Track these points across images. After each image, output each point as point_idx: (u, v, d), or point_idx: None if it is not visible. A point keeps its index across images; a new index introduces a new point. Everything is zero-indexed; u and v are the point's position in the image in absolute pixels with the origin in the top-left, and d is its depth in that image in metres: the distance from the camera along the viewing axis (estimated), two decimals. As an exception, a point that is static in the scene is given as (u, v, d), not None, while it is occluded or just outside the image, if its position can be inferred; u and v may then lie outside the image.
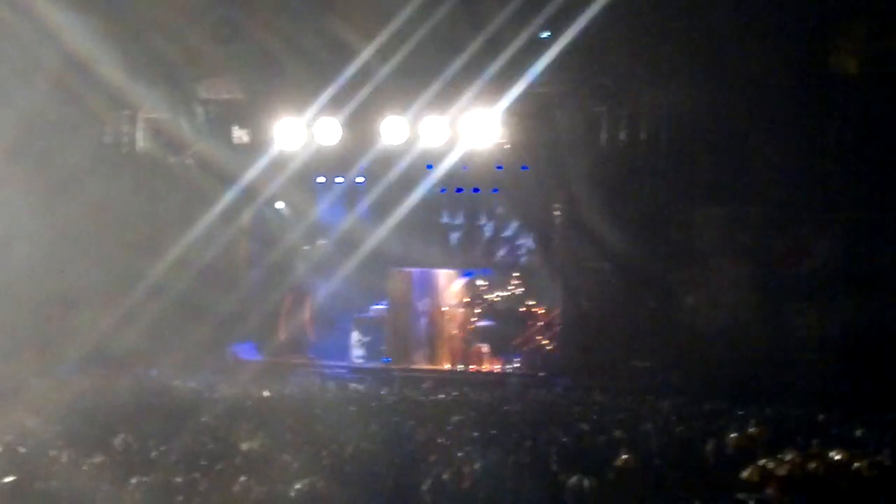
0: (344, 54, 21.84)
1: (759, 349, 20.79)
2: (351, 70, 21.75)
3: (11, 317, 21.18)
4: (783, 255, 21.10)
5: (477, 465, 12.21)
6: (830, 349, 20.52)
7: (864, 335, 20.33)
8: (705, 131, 21.19)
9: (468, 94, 21.62)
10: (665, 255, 21.66)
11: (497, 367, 23.72)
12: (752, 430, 14.18)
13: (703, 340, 21.16)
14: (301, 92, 22.52)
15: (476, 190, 24.19)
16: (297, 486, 11.14)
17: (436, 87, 21.65)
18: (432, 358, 24.34)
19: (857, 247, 20.63)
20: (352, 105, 22.20)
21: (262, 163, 22.93)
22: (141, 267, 22.96)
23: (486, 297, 24.99)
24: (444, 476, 11.82)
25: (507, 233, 24.86)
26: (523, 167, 22.71)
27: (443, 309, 24.65)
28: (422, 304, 24.54)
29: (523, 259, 24.75)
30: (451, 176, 23.01)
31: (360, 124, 22.45)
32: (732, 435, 13.88)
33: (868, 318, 20.38)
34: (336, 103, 22.27)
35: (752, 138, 20.90)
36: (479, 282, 25.16)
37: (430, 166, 22.75)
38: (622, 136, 21.61)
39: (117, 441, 13.32)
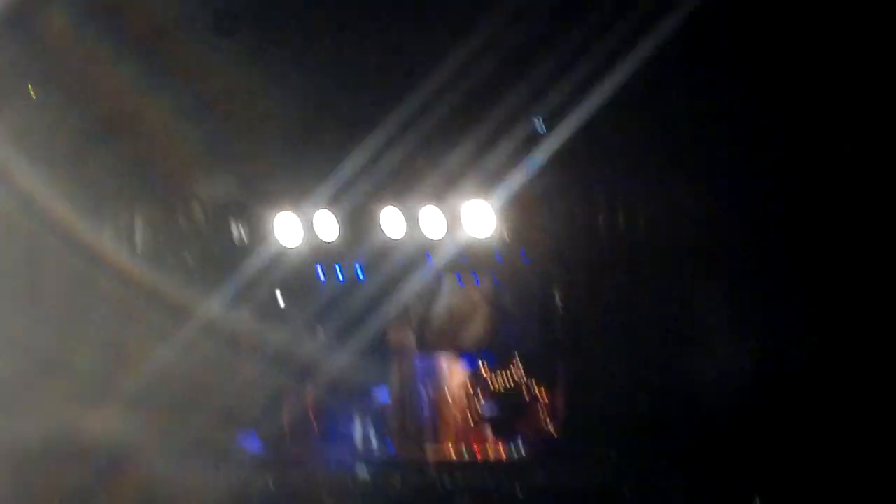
0: (342, 148, 22.06)
1: (765, 427, 20.97)
2: (349, 164, 21.97)
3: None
4: (786, 335, 21.32)
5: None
6: (834, 423, 20.67)
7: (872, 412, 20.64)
8: (703, 216, 21.49)
9: (466, 185, 21.83)
10: (665, 337, 21.85)
11: (502, 451, 23.83)
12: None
13: (706, 421, 21.28)
14: (299, 187, 22.67)
15: (476, 279, 24.23)
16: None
17: (434, 178, 21.91)
18: (437, 444, 24.27)
19: (859, 329, 20.88)
20: (350, 198, 22.39)
21: (261, 258, 23.05)
22: (141, 364, 22.99)
23: (488, 381, 25.08)
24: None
25: (509, 318, 24.85)
26: (523, 255, 22.89)
27: (446, 394, 24.69)
28: (425, 391, 24.60)
29: (526, 344, 24.73)
30: (450, 265, 23.09)
31: (359, 217, 22.58)
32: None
33: (875, 397, 20.72)
34: (334, 197, 22.42)
35: (749, 222, 21.23)
36: (482, 366, 25.22)
37: (428, 256, 22.87)
38: (621, 223, 21.89)
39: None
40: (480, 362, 25.12)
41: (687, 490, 18.09)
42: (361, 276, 23.65)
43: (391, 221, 22.35)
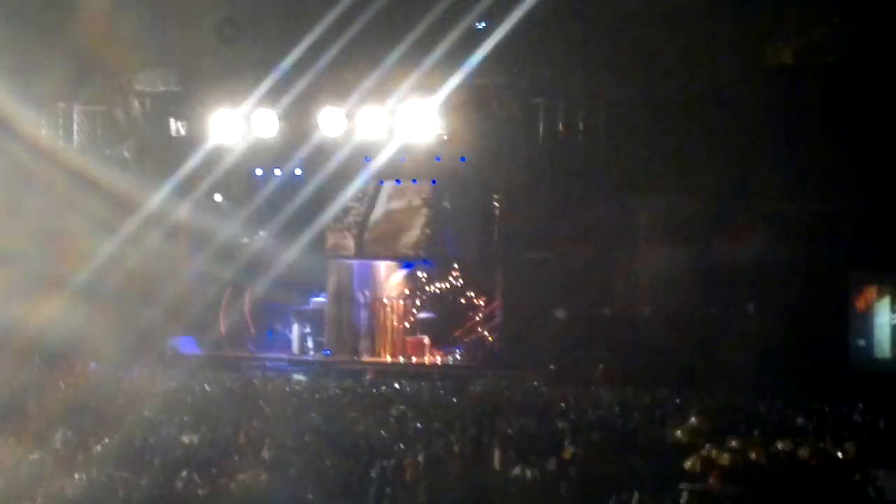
0: (281, 45, 21.82)
1: (698, 339, 20.94)
2: (288, 61, 21.73)
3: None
4: (720, 244, 21.30)
5: (419, 457, 12.20)
6: (767, 339, 20.65)
7: (801, 324, 20.65)
8: (642, 121, 21.39)
9: (406, 85, 21.66)
10: (603, 244, 21.79)
11: (438, 359, 23.81)
12: (693, 419, 14.27)
13: (642, 330, 21.28)
14: (238, 84, 22.44)
15: (415, 181, 23.99)
16: (240, 479, 11.10)
17: (374, 78, 21.71)
18: (373, 350, 24.27)
19: (793, 237, 20.86)
20: (289, 97, 22.17)
21: (199, 155, 22.77)
22: (79, 259, 22.75)
23: (426, 288, 25.01)
24: (387, 468, 11.79)
25: (447, 223, 24.69)
26: (462, 158, 22.73)
27: (383, 300, 24.62)
28: (362, 296, 24.51)
29: (462, 250, 24.58)
30: (389, 167, 22.93)
31: (298, 116, 22.43)
32: (674, 424, 14.00)
33: (804, 307, 20.75)
34: (273, 95, 22.26)
35: (688, 129, 21.13)
36: (420, 273, 25.10)
37: (367, 158, 22.71)
38: (560, 126, 21.78)
39: (57, 436, 13.22)
40: (418, 269, 25.15)
41: (623, 401, 17.99)
42: (300, 175, 23.45)
43: (330, 121, 22.22)
